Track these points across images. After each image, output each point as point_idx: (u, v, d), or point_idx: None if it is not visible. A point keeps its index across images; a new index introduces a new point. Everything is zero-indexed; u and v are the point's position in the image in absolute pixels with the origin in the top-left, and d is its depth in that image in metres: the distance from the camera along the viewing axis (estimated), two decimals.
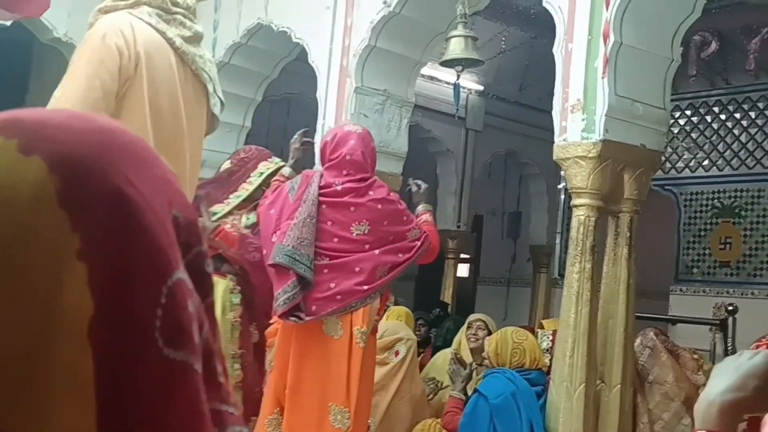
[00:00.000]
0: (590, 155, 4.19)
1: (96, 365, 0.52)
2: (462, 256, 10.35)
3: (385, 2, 5.35)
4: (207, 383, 0.58)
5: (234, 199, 4.37)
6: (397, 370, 4.65)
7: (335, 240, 3.75)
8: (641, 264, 4.58)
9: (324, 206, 3.77)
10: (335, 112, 5.62)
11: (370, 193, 3.85)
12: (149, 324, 0.54)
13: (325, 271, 3.72)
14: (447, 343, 5.68)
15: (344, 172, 3.84)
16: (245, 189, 4.40)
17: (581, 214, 4.25)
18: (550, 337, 4.90)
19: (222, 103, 2.99)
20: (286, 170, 4.21)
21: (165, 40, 2.71)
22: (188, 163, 2.80)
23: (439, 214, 9.52)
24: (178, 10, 2.78)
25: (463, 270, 11.65)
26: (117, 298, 0.53)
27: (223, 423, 0.60)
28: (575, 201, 4.30)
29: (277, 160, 4.53)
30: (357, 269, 3.74)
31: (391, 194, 3.96)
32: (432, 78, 8.64)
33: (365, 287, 3.74)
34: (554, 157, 4.37)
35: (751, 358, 1.25)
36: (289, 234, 3.68)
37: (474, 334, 5.30)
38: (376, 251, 3.78)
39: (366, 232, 3.78)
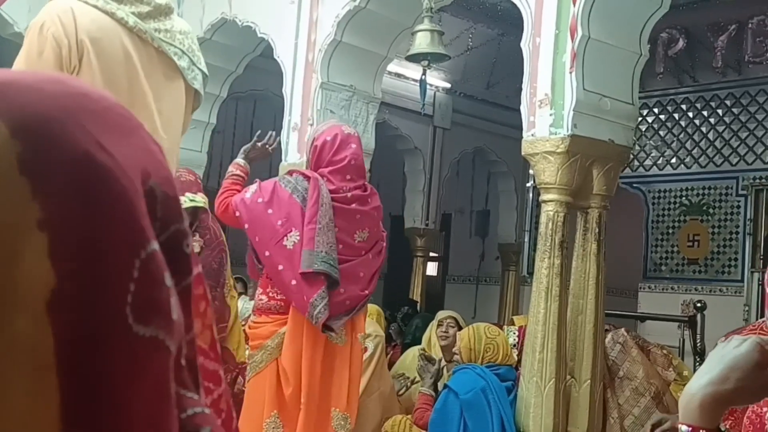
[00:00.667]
0: (558, 150, 4.15)
1: (57, 343, 0.49)
2: (431, 254, 10.31)
3: None
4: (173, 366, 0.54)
5: None
6: (366, 367, 4.59)
7: (341, 246, 3.72)
8: (610, 262, 4.56)
9: (334, 212, 3.73)
10: (301, 108, 5.56)
11: (370, 201, 3.86)
12: (119, 299, 0.50)
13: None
14: (416, 341, 5.64)
15: (348, 177, 3.79)
16: None
17: (550, 210, 4.22)
18: (516, 333, 4.87)
19: (204, 74, 2.84)
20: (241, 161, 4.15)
21: (115, 21, 2.56)
22: (165, 143, 2.63)
23: (407, 212, 9.48)
24: None
25: (431, 268, 11.62)
26: (82, 270, 0.49)
27: (182, 406, 0.57)
28: (544, 196, 4.27)
29: (198, 199, 4.25)
30: (361, 275, 3.77)
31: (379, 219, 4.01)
32: (399, 75, 8.59)
33: (366, 292, 3.79)
34: (522, 153, 4.34)
35: (737, 346, 1.21)
36: (318, 240, 3.61)
37: (445, 332, 5.27)
38: (370, 256, 3.83)
39: (365, 239, 3.81)
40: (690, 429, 1.18)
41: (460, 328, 5.12)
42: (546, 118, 4.22)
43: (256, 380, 3.78)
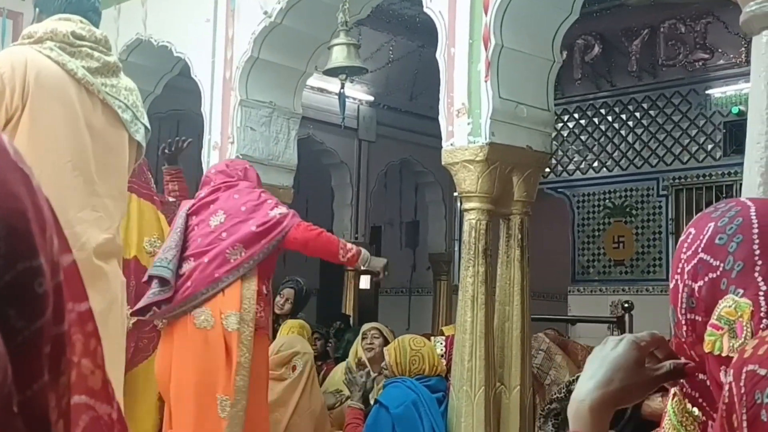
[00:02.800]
0: (477, 159, 4.18)
1: None
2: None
3: (265, 13, 5.25)
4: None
5: None
6: (296, 386, 4.55)
7: (199, 240, 3.92)
8: (539, 267, 4.61)
9: (193, 216, 4.00)
10: (221, 126, 5.49)
11: (219, 193, 4.05)
12: None
13: (186, 272, 3.90)
14: (347, 356, 5.60)
15: (212, 185, 4.11)
16: None
17: (472, 218, 4.23)
18: (443, 343, 4.88)
19: (147, 129, 3.09)
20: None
21: (65, 72, 2.83)
22: (104, 187, 2.90)
23: (336, 227, 9.45)
24: (84, 43, 2.89)
25: (364, 281, 11.58)
26: None
27: None
28: (466, 205, 4.29)
29: None
30: (206, 260, 3.86)
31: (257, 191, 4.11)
32: (321, 90, 8.58)
33: (216, 274, 3.84)
34: (443, 162, 4.36)
35: (614, 347, 1.22)
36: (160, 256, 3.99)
37: (369, 344, 5.24)
38: (225, 234, 3.91)
39: (223, 221, 3.93)
40: None
41: (385, 339, 5.11)
42: (464, 127, 4.24)
43: None
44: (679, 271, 1.21)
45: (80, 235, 2.79)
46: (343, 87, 5.06)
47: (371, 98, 9.66)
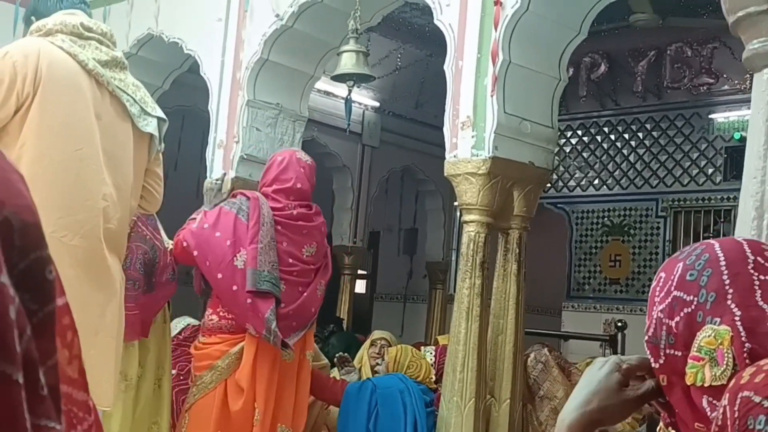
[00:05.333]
0: (480, 172, 4.22)
1: None
2: (359, 272, 10.32)
3: (277, 15, 5.30)
4: (29, 396, 0.54)
5: None
6: None
7: (290, 260, 3.83)
8: (535, 281, 4.65)
9: (279, 227, 3.84)
10: (227, 125, 5.54)
11: (315, 219, 4.00)
12: None
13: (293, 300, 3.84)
14: (331, 361, 5.59)
15: (291, 198, 3.94)
16: None
17: (471, 231, 4.27)
18: (433, 353, 4.93)
19: (162, 119, 3.18)
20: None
21: (77, 63, 2.91)
22: (110, 179, 2.94)
23: (335, 230, 9.47)
24: (93, 35, 2.99)
25: (360, 286, 11.63)
26: None
27: None
28: (465, 217, 4.33)
29: None
30: (300, 289, 3.84)
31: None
32: (328, 93, 8.61)
33: (312, 309, 3.88)
34: (445, 174, 4.40)
35: (600, 368, 1.28)
36: (260, 259, 3.70)
37: (377, 353, 5.27)
38: (314, 272, 3.94)
39: (313, 253, 3.92)
40: None
41: None
42: (468, 139, 4.28)
43: (204, 401, 3.79)
44: (653, 312, 1.26)
45: (83, 222, 2.83)
46: (350, 93, 5.09)
47: (377, 104, 9.70)
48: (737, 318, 1.14)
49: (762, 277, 1.17)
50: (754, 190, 2.12)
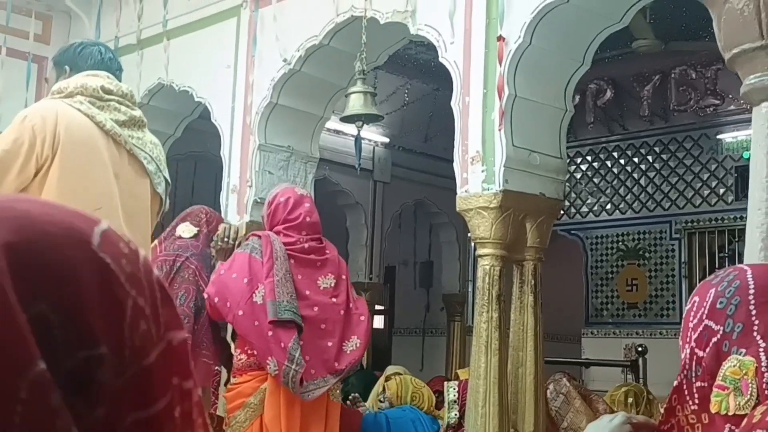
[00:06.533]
0: (491, 206, 4.25)
1: None
2: (376, 307, 10.34)
3: (285, 60, 5.38)
4: None
5: None
6: None
7: (306, 292, 3.87)
8: (553, 309, 4.67)
9: (292, 261, 3.89)
10: (239, 170, 5.60)
11: (328, 251, 4.04)
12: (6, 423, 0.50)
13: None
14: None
15: (303, 233, 3.98)
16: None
17: (486, 264, 4.30)
18: (456, 388, 4.93)
19: (167, 182, 3.25)
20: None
21: (94, 124, 2.98)
22: (130, 234, 2.96)
23: (351, 267, 9.47)
24: (112, 97, 3.06)
25: (378, 321, 11.63)
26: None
27: None
28: (480, 251, 4.36)
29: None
30: (322, 326, 3.85)
31: None
32: (338, 132, 8.69)
33: (336, 364, 3.85)
34: (457, 209, 4.44)
35: (611, 420, 1.33)
36: (278, 290, 3.75)
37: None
38: (335, 300, 3.92)
39: (332, 285, 3.94)
40: None
41: None
42: (478, 174, 4.33)
43: None
44: (688, 339, 1.29)
45: None
46: (359, 133, 5.16)
47: (386, 140, 9.78)
48: (761, 349, 1.17)
49: None
50: (759, 222, 2.15)
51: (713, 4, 2.49)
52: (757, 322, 1.19)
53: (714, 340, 1.23)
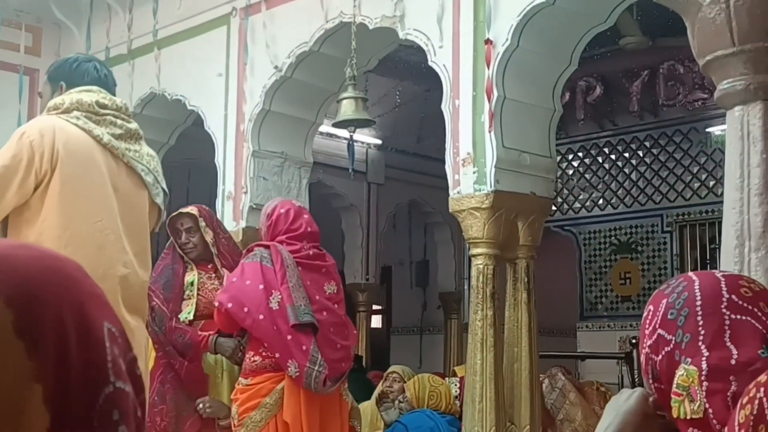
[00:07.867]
0: (483, 206, 4.33)
1: None
2: (373, 307, 10.41)
3: (276, 67, 5.45)
4: None
5: None
6: None
7: (316, 297, 3.95)
8: (548, 304, 4.74)
9: (300, 268, 3.97)
10: (234, 177, 5.67)
11: (327, 258, 4.12)
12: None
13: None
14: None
15: (305, 242, 4.06)
16: None
17: (479, 264, 4.38)
18: (458, 384, 5.01)
19: (165, 193, 3.30)
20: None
21: (92, 138, 3.03)
22: (130, 247, 3.09)
23: (347, 268, 9.58)
24: (107, 111, 3.11)
25: (375, 321, 11.71)
26: (67, 410, 0.61)
27: None
28: (473, 251, 4.44)
29: None
30: (331, 329, 3.93)
31: None
32: (331, 135, 8.75)
33: (344, 364, 3.96)
34: (450, 210, 4.51)
35: (628, 399, 1.40)
36: (294, 296, 3.83)
37: (389, 387, 5.37)
38: (342, 316, 4.06)
39: (335, 291, 4.05)
40: None
41: (404, 382, 5.26)
42: (470, 175, 4.40)
43: None
44: (644, 346, 1.39)
45: (106, 291, 2.96)
46: (351, 138, 5.23)
47: (379, 142, 9.84)
48: (704, 358, 1.27)
49: (734, 317, 1.29)
50: (734, 220, 2.24)
51: (687, 12, 2.57)
52: (703, 332, 1.30)
53: (667, 349, 1.33)
